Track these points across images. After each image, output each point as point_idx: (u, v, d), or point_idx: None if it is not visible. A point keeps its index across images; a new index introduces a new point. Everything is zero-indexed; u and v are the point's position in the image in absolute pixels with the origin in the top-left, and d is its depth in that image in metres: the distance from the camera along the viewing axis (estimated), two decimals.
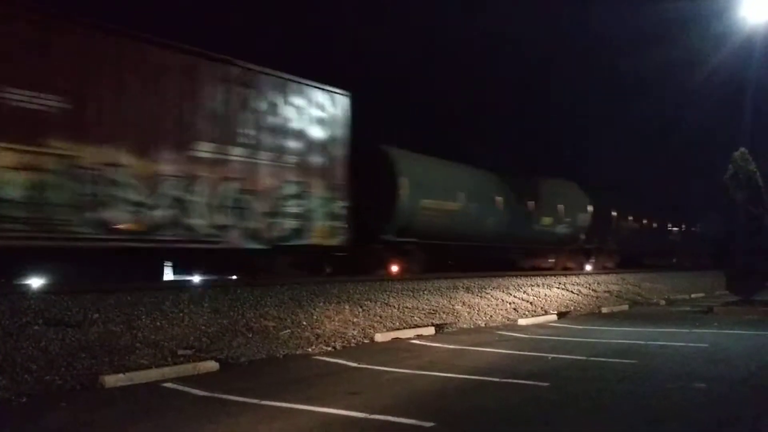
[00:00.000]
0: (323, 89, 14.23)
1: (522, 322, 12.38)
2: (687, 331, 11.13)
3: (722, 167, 15.61)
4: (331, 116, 14.40)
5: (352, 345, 9.32)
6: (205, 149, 11.67)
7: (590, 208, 24.68)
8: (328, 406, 5.71)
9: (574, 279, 18.89)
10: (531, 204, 22.14)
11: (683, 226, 33.82)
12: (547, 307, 14.26)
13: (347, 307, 10.94)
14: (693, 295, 19.40)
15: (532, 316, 13.11)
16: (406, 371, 7.40)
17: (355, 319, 10.41)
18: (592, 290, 17.68)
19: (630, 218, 28.74)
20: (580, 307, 15.08)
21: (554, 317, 13.26)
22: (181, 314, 8.84)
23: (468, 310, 12.70)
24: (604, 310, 15.08)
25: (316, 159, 13.98)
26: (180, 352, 7.71)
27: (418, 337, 10.19)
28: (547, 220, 22.58)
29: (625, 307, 16.11)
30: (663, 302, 17.61)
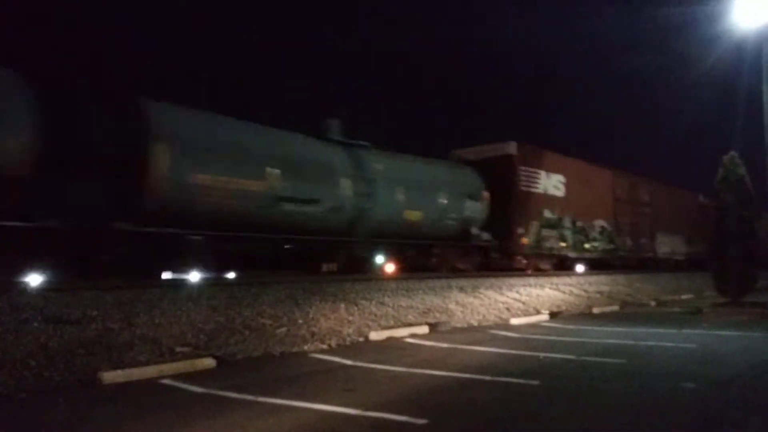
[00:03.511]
0: None
1: (514, 321, 12.53)
2: (676, 331, 11.27)
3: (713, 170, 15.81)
4: None
5: (347, 343, 9.44)
6: None
7: (486, 195, 19.92)
8: (323, 403, 5.79)
9: (566, 279, 19.06)
10: (396, 189, 16.99)
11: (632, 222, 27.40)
12: (539, 307, 14.40)
13: (343, 305, 11.05)
14: (682, 297, 19.58)
15: (525, 315, 13.26)
16: (400, 369, 7.51)
17: (350, 318, 10.52)
18: (584, 291, 17.84)
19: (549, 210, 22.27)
20: (572, 308, 15.23)
21: (546, 317, 13.42)
22: (179, 312, 8.93)
23: (461, 309, 12.82)
24: (595, 310, 15.24)
25: None
26: (178, 349, 7.81)
27: (412, 335, 10.31)
28: (414, 213, 17.38)
29: (616, 307, 16.27)
30: (653, 303, 17.78)
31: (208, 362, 7.55)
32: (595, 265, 24.75)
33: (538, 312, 13.83)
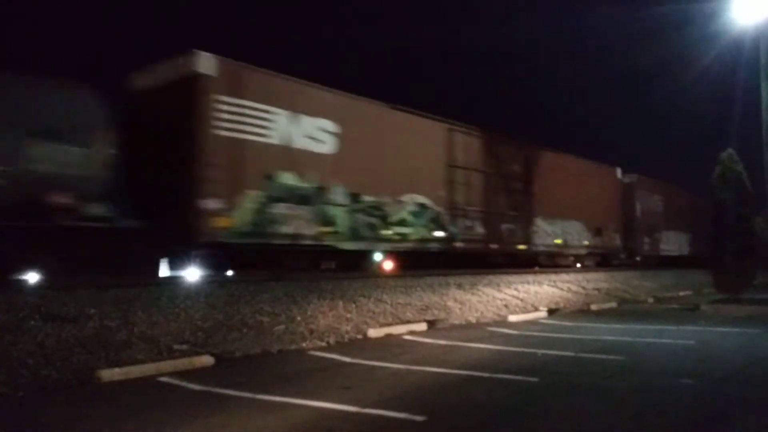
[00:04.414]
0: None
1: (512, 318, 12.53)
2: (674, 328, 11.28)
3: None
4: None
5: (346, 340, 9.43)
6: None
7: (104, 136, 11.07)
8: (322, 400, 5.79)
9: (564, 276, 19.06)
10: None
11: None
12: (537, 304, 14.41)
13: (341, 303, 11.05)
14: (681, 293, 19.60)
15: (523, 312, 13.27)
16: (398, 366, 7.51)
17: (348, 315, 10.52)
18: (582, 287, 17.85)
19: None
20: (570, 304, 15.24)
21: (544, 314, 13.43)
22: (177, 309, 8.91)
23: (459, 306, 12.83)
24: (593, 307, 15.25)
25: None
26: (176, 346, 7.80)
27: (411, 332, 10.31)
28: None
29: (614, 304, 16.28)
30: (651, 300, 17.80)
31: (207, 360, 7.55)
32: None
33: (536, 309, 13.84)
